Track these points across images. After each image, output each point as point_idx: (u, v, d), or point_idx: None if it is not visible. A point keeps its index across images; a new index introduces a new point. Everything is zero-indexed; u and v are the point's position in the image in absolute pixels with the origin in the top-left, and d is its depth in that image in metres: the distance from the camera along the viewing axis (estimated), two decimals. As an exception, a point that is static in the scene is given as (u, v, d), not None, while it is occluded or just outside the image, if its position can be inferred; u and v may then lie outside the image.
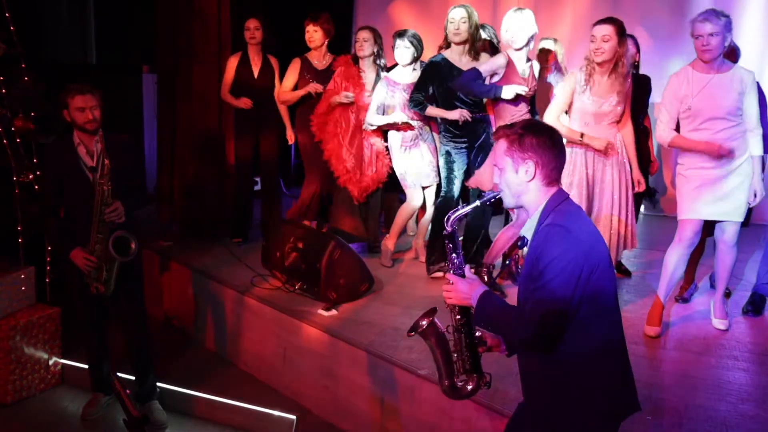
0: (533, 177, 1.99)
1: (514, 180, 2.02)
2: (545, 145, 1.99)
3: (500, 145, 2.04)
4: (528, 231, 2.05)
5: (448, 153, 4.30)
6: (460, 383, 2.17)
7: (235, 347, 4.40)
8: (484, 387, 2.17)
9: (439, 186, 4.52)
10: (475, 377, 2.15)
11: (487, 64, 4.06)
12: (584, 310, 1.91)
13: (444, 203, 4.35)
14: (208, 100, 5.20)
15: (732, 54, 4.01)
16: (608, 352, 1.98)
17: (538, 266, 1.90)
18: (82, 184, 3.36)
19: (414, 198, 4.66)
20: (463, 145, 4.28)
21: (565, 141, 2.61)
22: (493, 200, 2.17)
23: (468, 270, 2.12)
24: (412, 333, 2.20)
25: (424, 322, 2.18)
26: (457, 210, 2.13)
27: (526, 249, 3.83)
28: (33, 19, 6.51)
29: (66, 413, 3.85)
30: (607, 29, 3.55)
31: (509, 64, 4.00)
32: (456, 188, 4.35)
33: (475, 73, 4.01)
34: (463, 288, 2.06)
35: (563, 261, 1.87)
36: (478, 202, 2.15)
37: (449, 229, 2.13)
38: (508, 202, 2.09)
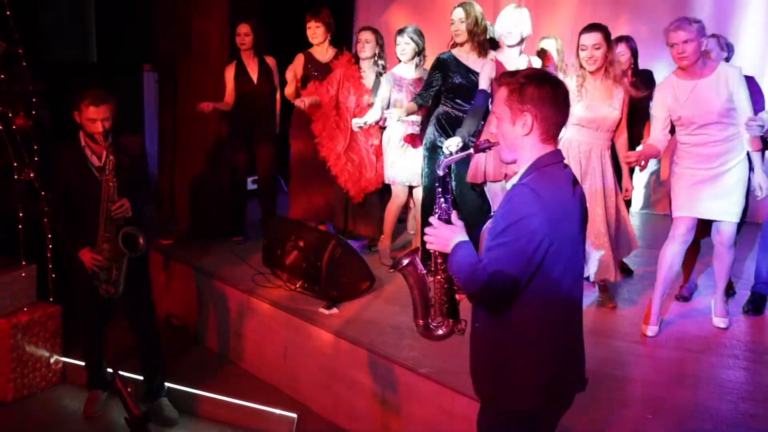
0: (530, 131, 1.88)
1: (510, 133, 1.91)
2: (547, 97, 1.86)
3: (501, 93, 1.92)
4: (511, 184, 1.97)
5: (433, 148, 4.21)
6: (434, 325, 2.13)
7: (236, 346, 4.40)
8: (458, 333, 2.11)
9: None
10: (450, 322, 2.11)
11: (482, 79, 4.04)
12: (538, 281, 1.85)
13: (428, 200, 4.32)
14: (209, 100, 5.18)
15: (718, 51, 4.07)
16: (556, 327, 1.92)
17: (502, 223, 1.83)
18: (91, 185, 3.37)
19: (399, 195, 4.66)
20: None
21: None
22: (488, 149, 2.08)
23: (455, 216, 2.03)
24: (392, 270, 2.19)
25: (406, 261, 2.12)
26: (451, 155, 2.15)
27: None
28: (34, 18, 6.50)
29: (67, 411, 3.85)
30: (598, 37, 3.59)
31: (497, 65, 3.99)
32: None
33: (483, 96, 4.00)
34: (445, 234, 1.97)
35: (528, 226, 1.79)
36: (471, 150, 2.11)
37: (441, 172, 2.05)
38: (504, 155, 1.99)
